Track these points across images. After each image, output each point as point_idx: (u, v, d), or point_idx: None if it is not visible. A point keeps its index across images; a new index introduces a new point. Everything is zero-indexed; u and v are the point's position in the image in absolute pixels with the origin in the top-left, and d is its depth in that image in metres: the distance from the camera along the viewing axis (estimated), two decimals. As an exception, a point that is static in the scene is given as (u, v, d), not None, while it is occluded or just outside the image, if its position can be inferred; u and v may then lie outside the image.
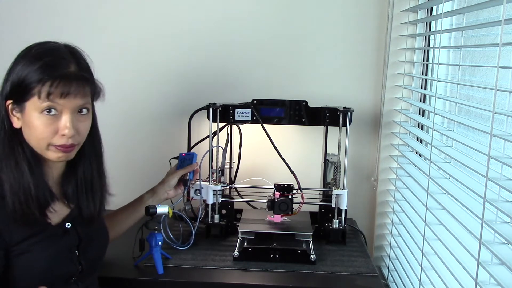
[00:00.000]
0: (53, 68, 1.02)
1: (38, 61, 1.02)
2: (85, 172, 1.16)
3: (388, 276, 1.70)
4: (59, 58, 1.05)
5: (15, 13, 1.85)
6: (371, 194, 1.86)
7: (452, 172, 1.21)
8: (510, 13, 1.12)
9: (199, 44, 1.83)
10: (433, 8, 1.59)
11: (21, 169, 1.04)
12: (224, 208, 1.62)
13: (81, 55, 1.09)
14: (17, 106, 1.05)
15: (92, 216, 1.17)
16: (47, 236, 1.07)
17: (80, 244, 1.14)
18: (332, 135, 1.61)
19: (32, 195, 1.04)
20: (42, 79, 1.01)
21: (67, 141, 1.05)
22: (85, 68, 1.08)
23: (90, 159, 1.17)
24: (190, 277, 1.34)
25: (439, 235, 1.21)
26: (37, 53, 1.04)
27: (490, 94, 1.21)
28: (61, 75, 1.02)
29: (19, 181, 1.03)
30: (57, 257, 1.09)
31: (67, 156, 1.08)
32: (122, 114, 1.89)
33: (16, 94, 1.04)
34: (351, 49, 1.81)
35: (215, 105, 1.57)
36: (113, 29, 1.85)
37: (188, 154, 1.56)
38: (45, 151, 1.06)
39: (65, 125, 1.04)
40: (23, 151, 1.06)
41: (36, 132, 1.04)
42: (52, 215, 1.09)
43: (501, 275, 0.90)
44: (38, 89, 1.01)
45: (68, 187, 1.15)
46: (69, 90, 1.02)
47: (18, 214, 1.02)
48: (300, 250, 1.43)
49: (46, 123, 1.03)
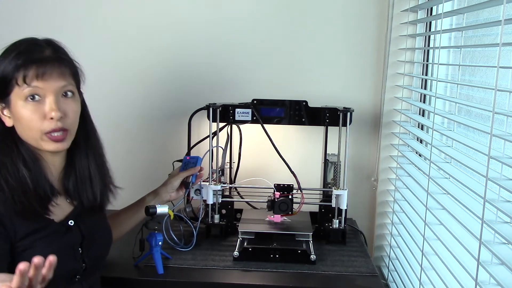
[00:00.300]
0: (26, 53, 1.04)
1: (13, 52, 1.04)
2: (82, 164, 1.17)
3: (388, 276, 1.70)
4: (34, 44, 1.07)
5: (15, 14, 1.85)
6: (371, 194, 1.86)
7: (452, 172, 1.21)
8: (510, 13, 1.12)
9: (199, 44, 1.83)
10: (433, 8, 1.59)
11: (16, 165, 1.05)
12: (224, 208, 1.62)
13: (59, 44, 1.11)
14: (4, 102, 1.06)
15: (93, 208, 1.18)
16: (50, 233, 1.08)
17: (83, 241, 1.14)
18: (332, 135, 1.61)
19: (30, 188, 1.05)
20: (17, 65, 1.02)
21: (56, 124, 1.05)
22: (61, 51, 1.09)
23: (86, 151, 1.18)
24: (190, 277, 1.34)
25: (439, 235, 1.21)
26: (12, 47, 1.06)
27: (490, 94, 1.21)
28: (35, 59, 1.03)
29: (15, 176, 1.04)
30: (60, 254, 1.09)
31: (61, 145, 1.08)
32: (122, 114, 1.89)
33: (0, 91, 1.05)
34: (351, 49, 1.81)
35: (215, 105, 1.57)
36: (112, 29, 1.85)
37: (193, 157, 1.55)
38: (40, 141, 1.06)
39: (51, 107, 1.04)
40: (17, 148, 1.07)
41: (25, 122, 1.05)
42: (55, 212, 1.10)
43: (501, 275, 0.90)
44: (15, 76, 1.03)
45: (69, 181, 1.15)
46: (44, 70, 1.03)
47: (19, 207, 1.03)
48: (300, 250, 1.43)
49: (32, 110, 1.04)
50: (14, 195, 1.02)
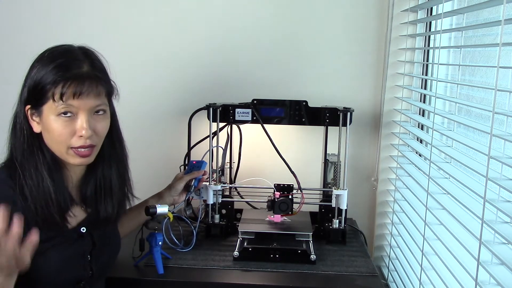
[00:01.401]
0: (65, 69, 1.02)
1: (52, 63, 1.03)
2: (104, 174, 1.16)
3: (388, 276, 1.70)
4: (72, 59, 1.05)
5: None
6: (371, 194, 1.86)
7: (452, 172, 1.21)
8: (510, 13, 1.11)
9: (199, 44, 1.83)
10: (433, 8, 1.59)
11: (41, 174, 1.05)
12: (224, 208, 1.62)
13: (95, 55, 1.10)
14: (36, 110, 1.05)
15: (109, 218, 1.17)
16: (62, 240, 1.08)
17: (93, 249, 1.14)
18: (332, 135, 1.61)
19: (53, 199, 1.04)
20: (56, 80, 1.01)
21: (85, 142, 1.05)
22: (98, 68, 1.08)
23: (110, 161, 1.17)
24: (190, 277, 1.34)
25: (439, 235, 1.21)
26: (50, 56, 1.05)
27: (490, 94, 1.21)
28: (73, 75, 1.02)
29: (39, 185, 1.04)
30: (69, 261, 1.09)
31: (87, 160, 1.08)
32: (121, 114, 1.87)
33: (33, 99, 1.04)
34: (351, 49, 1.81)
35: (215, 105, 1.57)
36: (112, 29, 1.85)
37: (198, 162, 1.55)
38: (66, 155, 1.06)
39: (82, 126, 1.04)
40: (43, 155, 1.06)
41: (54, 135, 1.04)
42: (70, 220, 1.10)
43: (501, 275, 0.90)
44: (52, 91, 1.01)
45: (87, 189, 1.15)
46: (82, 90, 1.02)
47: (40, 218, 1.03)
48: (300, 250, 1.43)
49: (63, 125, 1.03)
50: (37, 206, 1.02)
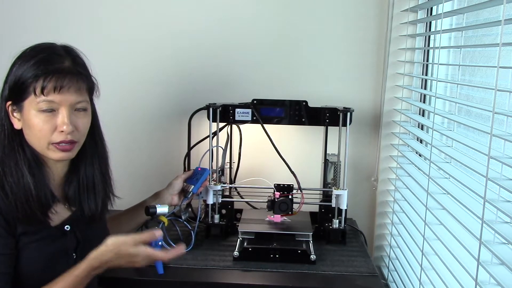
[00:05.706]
0: (47, 63, 1.03)
1: (33, 59, 1.04)
2: (87, 172, 1.17)
3: (388, 276, 1.70)
4: (53, 54, 1.06)
5: (14, 14, 1.85)
6: (371, 194, 1.86)
7: (452, 172, 1.21)
8: (510, 13, 1.11)
9: (199, 44, 1.83)
10: (433, 8, 1.59)
11: (21, 170, 1.05)
12: (224, 208, 1.62)
13: (76, 52, 1.10)
14: (16, 106, 1.06)
15: (93, 216, 1.17)
16: (44, 236, 1.08)
17: (78, 247, 1.14)
18: (332, 135, 1.61)
19: (33, 195, 1.04)
20: (37, 74, 1.02)
21: (66, 137, 1.05)
22: (79, 63, 1.09)
23: (92, 159, 1.17)
24: (190, 277, 1.34)
25: (439, 235, 1.21)
26: (32, 52, 1.06)
27: (490, 94, 1.21)
28: (54, 69, 1.03)
29: (19, 182, 1.04)
30: (53, 258, 1.09)
31: (68, 155, 1.08)
32: (121, 114, 1.88)
33: (14, 94, 1.05)
34: (351, 49, 1.80)
35: (215, 105, 1.57)
36: (112, 29, 1.85)
37: (202, 169, 1.55)
38: (46, 150, 1.06)
39: (63, 121, 1.04)
40: (23, 152, 1.07)
41: (35, 130, 1.04)
42: (53, 217, 1.09)
43: (501, 275, 0.90)
44: (33, 85, 1.02)
45: (70, 188, 1.15)
46: (62, 84, 1.03)
47: (20, 214, 1.03)
48: (300, 250, 1.43)
49: (44, 121, 1.04)
50: (17, 202, 1.03)
